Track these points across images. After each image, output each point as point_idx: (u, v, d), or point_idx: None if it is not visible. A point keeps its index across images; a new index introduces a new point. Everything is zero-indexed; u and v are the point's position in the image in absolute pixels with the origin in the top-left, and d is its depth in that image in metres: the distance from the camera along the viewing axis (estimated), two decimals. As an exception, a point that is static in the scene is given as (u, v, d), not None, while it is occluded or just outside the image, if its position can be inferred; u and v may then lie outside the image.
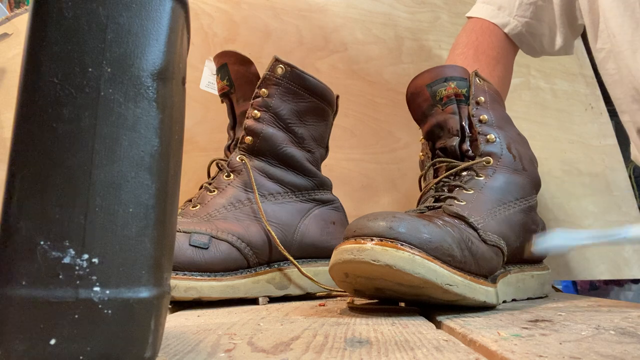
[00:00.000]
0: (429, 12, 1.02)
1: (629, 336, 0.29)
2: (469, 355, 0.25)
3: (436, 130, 0.56)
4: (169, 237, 0.23)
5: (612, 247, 0.52)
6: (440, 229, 0.41)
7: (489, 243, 0.45)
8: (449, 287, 0.39)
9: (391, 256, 0.38)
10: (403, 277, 0.39)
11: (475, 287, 0.42)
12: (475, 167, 0.52)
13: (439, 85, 0.55)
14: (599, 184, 1.05)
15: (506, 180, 0.52)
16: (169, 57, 0.23)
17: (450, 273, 0.40)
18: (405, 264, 0.38)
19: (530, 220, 0.53)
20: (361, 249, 0.39)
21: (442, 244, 0.40)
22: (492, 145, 0.53)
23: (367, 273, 0.40)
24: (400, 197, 0.86)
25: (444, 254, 0.40)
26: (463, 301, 0.41)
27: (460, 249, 0.42)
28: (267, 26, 0.88)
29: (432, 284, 0.39)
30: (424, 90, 0.56)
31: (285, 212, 0.58)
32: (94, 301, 0.19)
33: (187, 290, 0.49)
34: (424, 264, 0.39)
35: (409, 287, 0.40)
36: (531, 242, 0.51)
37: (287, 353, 0.26)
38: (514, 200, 0.51)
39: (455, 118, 0.54)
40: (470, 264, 0.42)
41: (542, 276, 0.56)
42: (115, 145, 0.20)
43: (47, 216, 0.19)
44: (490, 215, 0.48)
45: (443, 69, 0.56)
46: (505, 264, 0.50)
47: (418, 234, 0.40)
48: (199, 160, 0.76)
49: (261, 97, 0.58)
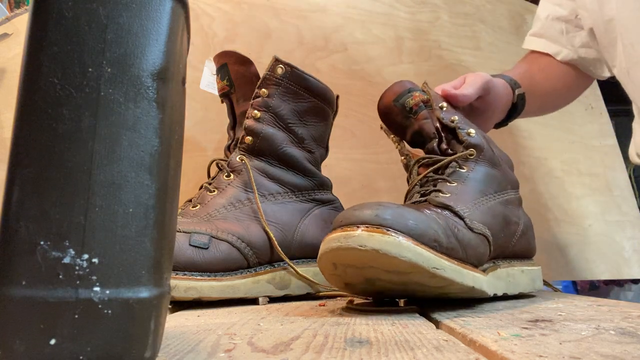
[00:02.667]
0: (429, 12, 1.02)
1: (629, 336, 0.29)
2: (469, 355, 0.25)
3: (417, 138, 0.58)
4: (169, 237, 0.23)
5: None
6: (425, 216, 0.42)
7: (476, 231, 0.46)
8: (436, 271, 0.40)
9: (378, 241, 0.39)
10: (391, 261, 0.39)
11: (463, 272, 0.42)
12: (458, 159, 0.53)
13: (405, 97, 0.58)
14: (599, 184, 1.05)
15: (486, 172, 0.53)
16: (169, 57, 0.23)
17: (437, 257, 0.40)
18: (391, 248, 0.39)
19: (511, 214, 0.54)
20: (348, 236, 0.39)
21: (427, 230, 0.41)
22: (474, 138, 0.54)
23: (355, 261, 0.41)
24: (400, 197, 0.86)
25: (430, 239, 0.41)
26: (451, 287, 0.41)
27: (447, 236, 0.42)
28: (267, 26, 0.88)
29: (420, 267, 0.39)
30: (393, 107, 0.59)
31: (285, 212, 0.58)
32: (94, 301, 0.19)
33: (187, 290, 0.49)
34: (410, 247, 0.39)
35: (397, 274, 0.41)
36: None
37: (287, 353, 0.26)
38: (493, 193, 0.53)
39: (428, 122, 0.57)
40: (457, 250, 0.43)
41: (533, 272, 0.57)
42: (115, 145, 0.20)
43: (47, 216, 0.19)
44: (475, 205, 0.49)
45: (400, 84, 0.59)
46: (494, 258, 0.51)
47: (403, 221, 0.40)
48: (199, 160, 0.76)
49: (261, 97, 0.58)
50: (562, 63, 0.79)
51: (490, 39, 1.05)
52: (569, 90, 0.82)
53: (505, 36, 1.08)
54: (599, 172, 1.06)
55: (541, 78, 0.77)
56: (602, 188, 1.05)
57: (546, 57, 0.80)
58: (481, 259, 0.47)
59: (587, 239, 1.00)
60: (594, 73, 0.80)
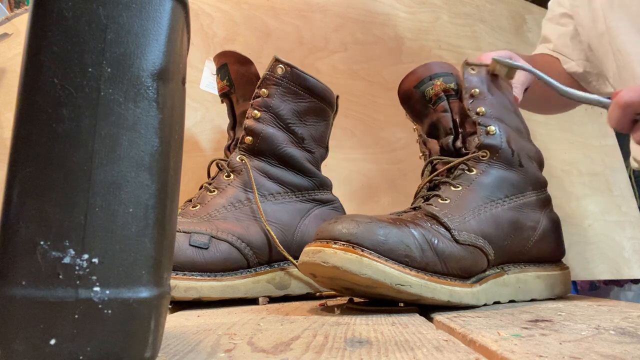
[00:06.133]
0: (429, 12, 1.02)
1: (629, 336, 0.29)
2: (469, 355, 0.25)
3: (433, 130, 0.56)
4: (169, 237, 0.23)
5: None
6: (399, 231, 0.42)
7: (463, 243, 0.45)
8: (400, 287, 0.41)
9: (339, 258, 0.40)
10: (352, 277, 0.41)
11: (434, 287, 0.42)
12: (469, 161, 0.51)
13: (426, 85, 0.55)
14: (599, 184, 1.05)
15: (498, 176, 0.51)
16: (169, 57, 0.23)
17: (402, 274, 0.41)
18: (351, 266, 0.40)
19: (525, 218, 0.51)
20: (314, 252, 0.42)
21: (397, 245, 0.41)
22: (492, 138, 0.51)
23: (324, 274, 0.42)
24: (400, 197, 0.86)
25: (400, 255, 0.41)
26: (423, 301, 0.42)
27: (422, 250, 0.42)
28: (267, 26, 0.88)
29: (381, 283, 0.40)
30: (414, 92, 0.56)
31: (285, 212, 0.58)
32: (94, 301, 0.19)
33: (187, 290, 0.49)
34: (371, 265, 0.40)
35: (366, 287, 0.42)
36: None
37: (287, 353, 0.26)
38: (504, 198, 0.50)
39: (447, 116, 0.54)
40: (435, 264, 0.43)
41: (552, 277, 0.53)
42: (115, 145, 0.20)
43: (47, 216, 0.19)
44: (474, 212, 0.48)
45: (426, 68, 0.55)
46: (501, 264, 0.50)
47: (372, 236, 0.41)
48: (199, 160, 0.76)
49: (261, 97, 0.58)
50: (567, 74, 0.79)
51: (490, 39, 1.05)
52: (566, 102, 0.83)
53: (505, 36, 1.08)
54: (599, 172, 1.06)
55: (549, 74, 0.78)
56: (602, 188, 1.05)
57: (554, 62, 0.80)
58: (470, 270, 0.46)
59: (587, 239, 1.00)
60: (596, 88, 0.81)
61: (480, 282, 0.46)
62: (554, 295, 0.53)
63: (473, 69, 0.54)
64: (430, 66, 0.55)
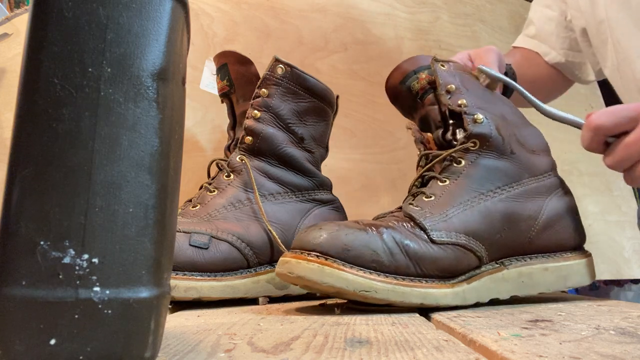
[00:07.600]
0: (429, 12, 1.02)
1: (629, 336, 0.29)
2: (469, 355, 0.25)
3: (425, 124, 0.55)
4: (169, 237, 0.23)
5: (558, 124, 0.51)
6: (366, 236, 0.43)
7: (439, 242, 0.44)
8: (365, 294, 0.41)
9: (302, 268, 0.42)
10: (316, 286, 0.42)
11: (403, 291, 0.42)
12: (456, 153, 0.49)
13: (411, 79, 0.53)
14: (599, 184, 1.05)
15: (489, 166, 0.49)
16: (169, 57, 0.23)
17: (366, 280, 0.41)
18: (313, 275, 0.41)
19: (521, 209, 0.49)
20: (282, 262, 0.44)
21: (363, 251, 0.42)
22: (481, 126, 0.49)
23: (294, 283, 0.44)
24: (400, 197, 0.86)
25: (367, 260, 0.42)
26: (394, 304, 0.42)
27: (390, 254, 0.42)
28: (267, 26, 0.88)
29: (345, 291, 0.41)
30: (400, 89, 0.55)
31: (285, 212, 0.58)
32: (94, 301, 0.19)
33: (187, 290, 0.49)
34: (332, 273, 0.41)
35: (335, 294, 0.43)
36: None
37: (287, 353, 0.26)
38: (494, 189, 0.48)
39: (435, 109, 0.53)
40: (407, 267, 0.43)
41: (563, 268, 0.50)
42: (115, 145, 0.20)
43: (47, 216, 0.19)
44: (458, 208, 0.46)
45: (410, 62, 0.54)
46: (499, 259, 0.48)
47: (337, 244, 0.42)
48: (199, 160, 0.76)
49: (261, 97, 0.58)
50: (548, 65, 0.79)
51: (490, 39, 1.05)
52: (549, 92, 0.82)
53: (505, 36, 1.08)
54: (599, 172, 1.06)
55: (526, 68, 0.77)
56: (602, 188, 1.05)
57: (534, 56, 0.80)
58: (452, 270, 0.45)
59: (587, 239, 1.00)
60: (579, 77, 0.81)
61: (471, 280, 0.45)
62: (566, 288, 0.50)
63: (443, 65, 0.53)
64: (413, 60, 0.54)
